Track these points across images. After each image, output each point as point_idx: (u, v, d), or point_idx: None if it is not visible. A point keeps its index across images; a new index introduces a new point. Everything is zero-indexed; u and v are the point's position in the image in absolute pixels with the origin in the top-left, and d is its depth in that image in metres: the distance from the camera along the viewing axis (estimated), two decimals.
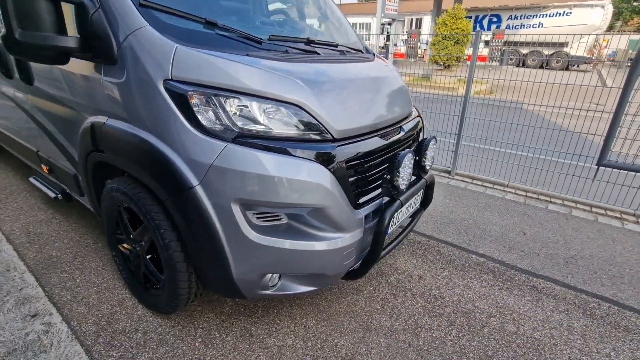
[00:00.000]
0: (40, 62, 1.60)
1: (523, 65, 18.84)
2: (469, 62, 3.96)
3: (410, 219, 2.28)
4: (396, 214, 1.88)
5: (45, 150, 2.48)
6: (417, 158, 2.08)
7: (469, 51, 15.20)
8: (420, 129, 2.39)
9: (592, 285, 2.30)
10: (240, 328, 1.87)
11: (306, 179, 1.46)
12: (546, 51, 18.67)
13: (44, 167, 2.60)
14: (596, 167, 3.23)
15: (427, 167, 2.12)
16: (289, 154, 1.47)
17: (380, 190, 1.84)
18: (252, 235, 1.47)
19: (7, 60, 2.40)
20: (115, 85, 1.60)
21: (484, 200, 3.55)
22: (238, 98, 1.45)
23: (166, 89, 1.45)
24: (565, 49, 18.06)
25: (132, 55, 1.50)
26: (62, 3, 1.45)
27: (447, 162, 4.28)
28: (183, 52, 1.46)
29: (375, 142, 1.81)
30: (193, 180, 1.43)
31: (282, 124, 1.51)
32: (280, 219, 1.54)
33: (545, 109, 3.75)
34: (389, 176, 1.74)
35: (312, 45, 2.03)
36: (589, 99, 3.31)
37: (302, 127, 1.54)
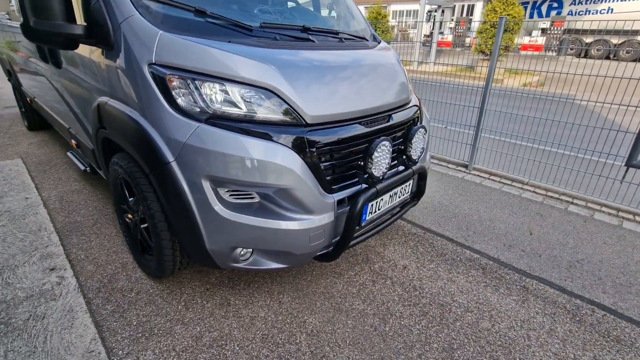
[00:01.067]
0: (53, 47, 1.83)
1: (585, 56, 17.14)
2: (522, 52, 3.73)
3: (399, 209, 2.29)
4: (374, 202, 1.91)
5: (74, 127, 2.79)
6: (403, 147, 2.07)
7: (521, 40, 14.12)
8: (416, 119, 2.35)
9: (591, 292, 2.16)
10: (220, 297, 2.02)
11: (271, 160, 1.54)
12: (614, 40, 16.74)
13: (73, 142, 2.92)
14: (625, 167, 2.95)
15: (415, 157, 2.10)
16: (258, 136, 1.56)
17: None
18: (222, 211, 1.59)
19: (44, 47, 2.72)
20: (112, 68, 1.78)
21: (496, 197, 3.40)
22: (211, 81, 1.55)
23: (150, 72, 1.59)
24: (639, 38, 16.07)
25: (124, 41, 1.66)
26: None
27: (465, 156, 4.12)
28: (166, 39, 1.59)
29: (354, 130, 1.83)
30: (169, 157, 1.57)
31: (253, 107, 1.59)
32: (252, 198, 1.64)
33: (602, 106, 3.35)
34: (362, 162, 1.76)
35: (308, 32, 2.08)
36: None
37: (272, 110, 1.61)
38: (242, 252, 1.73)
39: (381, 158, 1.79)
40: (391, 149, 1.84)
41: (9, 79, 5.15)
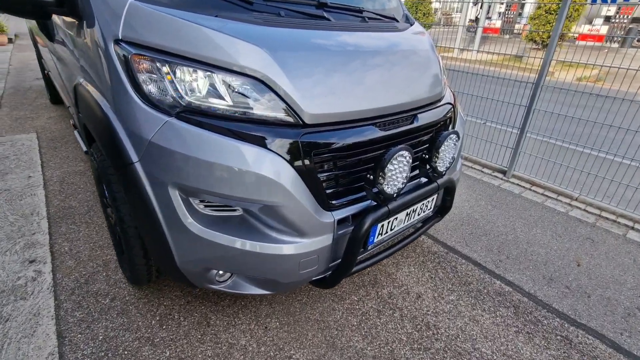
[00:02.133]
0: (22, 16, 1.57)
1: None
2: (578, 42, 3.15)
3: (420, 224, 1.92)
4: (385, 222, 1.56)
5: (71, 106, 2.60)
6: (428, 156, 1.68)
7: (580, 29, 12.68)
8: (448, 121, 1.93)
9: None
10: (200, 314, 1.77)
11: (254, 170, 1.22)
12: None
13: (71, 121, 2.75)
14: None
15: (441, 169, 1.70)
16: (239, 138, 1.24)
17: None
18: (194, 226, 1.30)
19: (46, 23, 2.50)
20: (82, 44, 1.51)
21: (537, 213, 2.91)
22: (184, 65, 1.24)
23: (115, 50, 1.30)
24: None
25: (90, 11, 1.37)
26: None
27: (504, 161, 3.61)
28: (135, 9, 1.28)
29: (366, 133, 1.47)
30: (133, 156, 1.29)
31: (235, 100, 1.27)
32: (233, 210, 1.34)
33: None
34: (371, 176, 1.40)
35: (324, 9, 1.71)
36: None
37: (259, 105, 1.28)
38: (219, 274, 1.45)
39: (397, 172, 1.42)
40: (410, 161, 1.46)
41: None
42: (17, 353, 1.53)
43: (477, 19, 17.25)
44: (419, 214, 1.80)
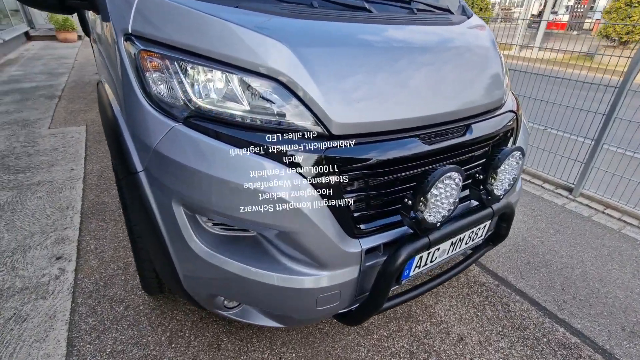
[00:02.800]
0: (46, 9, 1.51)
1: None
2: None
3: (470, 251, 1.63)
4: (422, 254, 1.30)
5: None
6: (482, 177, 1.38)
7: None
8: (509, 131, 1.61)
9: None
10: (212, 334, 1.63)
11: (266, 190, 1.03)
12: None
13: None
14: None
15: (498, 193, 1.40)
16: (251, 149, 1.05)
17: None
18: (199, 249, 1.14)
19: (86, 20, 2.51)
20: (101, 40, 1.41)
21: (613, 244, 2.44)
22: (196, 63, 1.07)
23: (125, 46, 1.17)
24: None
25: (103, 3, 1.26)
26: None
27: (570, 176, 3.11)
28: None
29: (407, 147, 1.22)
30: (138, 165, 1.16)
31: (251, 105, 1.08)
32: (245, 230, 1.16)
33: None
34: (410, 201, 1.15)
35: None
36: None
37: (279, 112, 1.08)
38: (227, 301, 1.29)
39: (442, 198, 1.15)
40: (460, 184, 1.18)
41: None
42: (27, 359, 1.48)
43: (540, 13, 15.82)
44: (466, 243, 1.50)
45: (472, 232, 1.47)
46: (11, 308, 1.72)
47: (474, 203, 1.50)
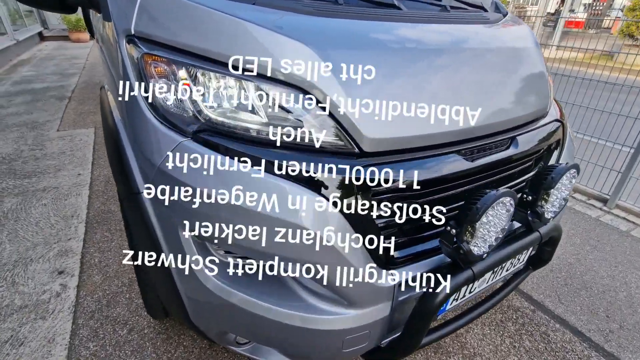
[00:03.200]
0: (48, 9, 1.39)
1: None
2: None
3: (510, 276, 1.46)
4: (463, 288, 1.13)
5: None
6: (532, 198, 1.20)
7: None
8: (555, 145, 1.43)
9: None
10: None
11: (284, 217, 0.88)
12: None
13: None
14: None
15: (548, 216, 1.22)
16: (269, 169, 0.90)
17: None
18: (209, 281, 1.00)
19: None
20: (103, 42, 1.27)
21: None
22: (207, 69, 0.92)
23: (127, 48, 1.03)
24: None
25: (103, 1, 1.12)
26: None
27: (604, 186, 2.89)
28: None
29: (447, 164, 1.05)
30: (140, 184, 1.02)
31: (269, 117, 0.93)
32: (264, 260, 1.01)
33: None
34: (453, 230, 0.98)
35: None
36: None
37: (301, 125, 0.93)
38: (236, 336, 1.14)
39: (492, 226, 0.99)
40: (513, 210, 1.01)
41: None
42: None
43: (557, 11, 15.38)
44: (507, 270, 1.33)
45: (513, 260, 1.30)
46: (9, 329, 1.60)
47: (517, 225, 1.32)
